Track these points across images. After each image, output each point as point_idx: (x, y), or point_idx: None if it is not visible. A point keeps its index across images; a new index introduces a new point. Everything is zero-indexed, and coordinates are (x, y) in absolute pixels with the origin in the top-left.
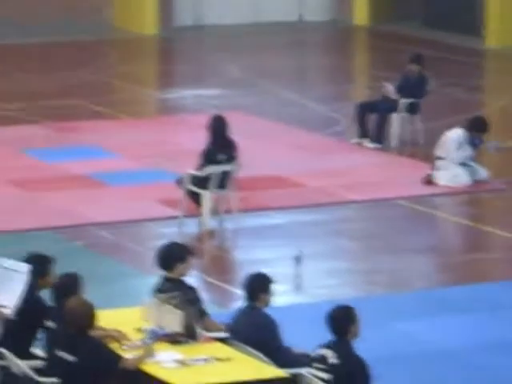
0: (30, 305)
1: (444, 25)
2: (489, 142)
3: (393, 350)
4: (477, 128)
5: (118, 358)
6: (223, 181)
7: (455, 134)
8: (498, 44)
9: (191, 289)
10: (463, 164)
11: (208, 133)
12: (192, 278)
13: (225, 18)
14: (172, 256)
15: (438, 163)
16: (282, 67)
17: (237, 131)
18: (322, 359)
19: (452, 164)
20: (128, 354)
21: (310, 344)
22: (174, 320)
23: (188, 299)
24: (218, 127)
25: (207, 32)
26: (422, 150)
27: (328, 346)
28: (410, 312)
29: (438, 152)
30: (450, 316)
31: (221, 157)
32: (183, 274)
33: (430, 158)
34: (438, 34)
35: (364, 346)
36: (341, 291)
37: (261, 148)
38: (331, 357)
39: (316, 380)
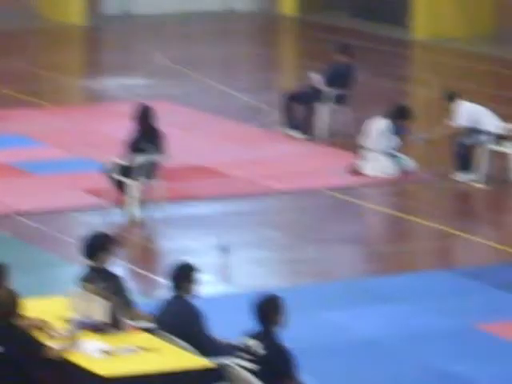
0: None
1: (371, 15)
2: (416, 133)
3: (318, 340)
4: (400, 116)
5: (43, 347)
6: (150, 170)
7: (379, 124)
8: (424, 35)
9: (116, 278)
10: (390, 154)
11: (134, 122)
12: (118, 268)
13: (152, 8)
14: (96, 245)
15: (365, 153)
16: (209, 57)
17: (163, 121)
18: (248, 349)
19: (379, 154)
20: (53, 344)
21: (236, 334)
22: (99, 309)
23: (113, 289)
24: (145, 117)
25: (134, 21)
26: (351, 140)
27: (253, 336)
28: (336, 302)
29: (365, 142)
30: (375, 306)
31: (147, 146)
32: (107, 264)
33: (357, 148)
34: (365, 25)
35: (290, 335)
36: (267, 281)
37: (187, 138)
38: (256, 346)
39: (241, 370)
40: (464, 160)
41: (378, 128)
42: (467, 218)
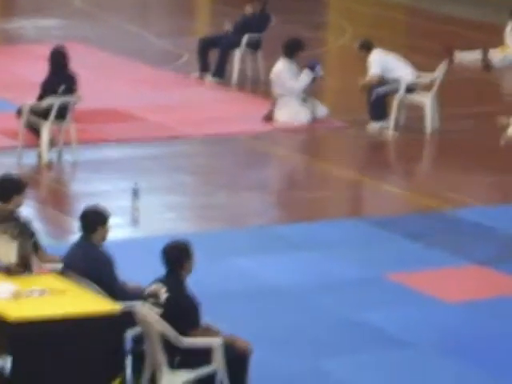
0: None
1: None
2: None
3: (227, 286)
4: (295, 49)
5: None
6: (63, 112)
7: (281, 66)
8: None
9: (26, 220)
10: (303, 100)
11: (48, 64)
12: (28, 210)
13: None
14: (7, 188)
15: (278, 99)
16: (125, 0)
17: (77, 63)
18: (155, 294)
19: (292, 101)
20: None
21: (145, 278)
22: (8, 251)
23: (22, 231)
24: (58, 58)
25: None
26: (263, 87)
27: (161, 281)
28: (246, 248)
29: (277, 89)
30: (285, 253)
31: (61, 88)
32: (17, 206)
33: (270, 94)
34: None
35: (198, 280)
36: (177, 226)
37: (101, 81)
38: (163, 292)
39: (150, 314)
40: (377, 108)
41: (281, 70)
42: (378, 167)
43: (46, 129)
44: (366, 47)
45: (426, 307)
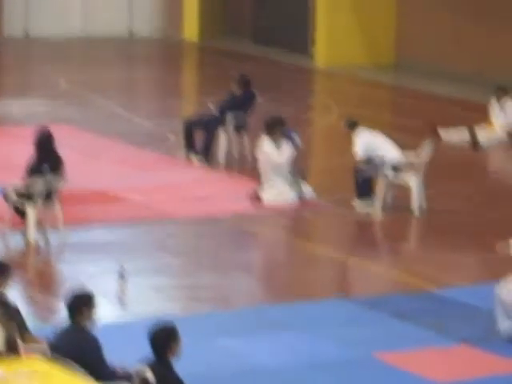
0: None
1: (274, 42)
2: (295, 135)
3: (214, 367)
4: (274, 126)
5: None
6: (49, 195)
7: (264, 144)
8: (325, 63)
9: (12, 303)
10: (289, 181)
11: (34, 146)
12: (15, 292)
13: (54, 30)
14: None
15: (264, 180)
16: (111, 81)
17: (63, 145)
18: (142, 378)
19: (278, 180)
20: None
21: (132, 361)
22: None
23: (9, 313)
24: (44, 141)
25: (36, 43)
26: (250, 166)
27: (149, 364)
28: (233, 329)
29: (263, 168)
30: (272, 333)
31: (46, 171)
32: (3, 289)
33: (257, 174)
34: (268, 51)
35: (185, 362)
36: (164, 307)
37: (87, 162)
38: (150, 376)
39: None
40: (363, 188)
41: (265, 150)
42: (365, 247)
43: (33, 211)
44: (352, 126)
45: None
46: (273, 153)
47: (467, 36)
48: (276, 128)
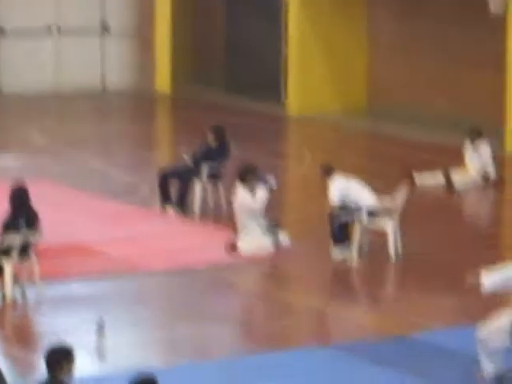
0: None
1: (246, 91)
2: (268, 179)
3: None
4: (247, 173)
5: None
6: (25, 250)
7: (239, 192)
8: (298, 111)
9: None
10: (265, 230)
11: (9, 202)
12: None
13: (27, 85)
14: None
15: (241, 230)
16: (85, 134)
17: (39, 199)
18: None
19: (255, 230)
20: None
21: None
22: None
23: None
24: (19, 196)
25: (7, 99)
26: (226, 217)
27: None
28: (213, 381)
29: (239, 217)
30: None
31: (22, 225)
32: None
33: (233, 224)
34: (240, 101)
35: None
36: (144, 360)
37: (62, 216)
38: None
39: None
40: (339, 235)
41: (241, 202)
42: (342, 293)
43: (9, 267)
44: (327, 171)
45: None
46: (247, 198)
47: (440, 80)
48: (249, 175)
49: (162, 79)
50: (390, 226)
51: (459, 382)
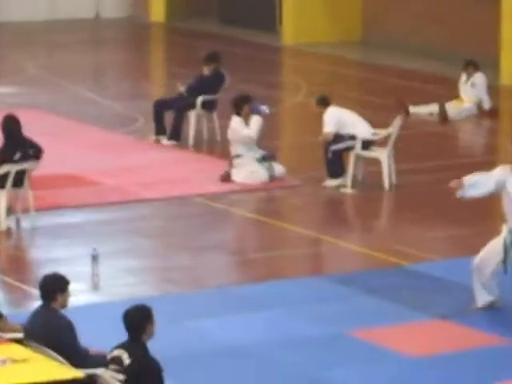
0: None
1: (240, 21)
2: (260, 106)
3: (189, 349)
4: (241, 103)
5: None
6: (20, 179)
7: (233, 123)
8: (293, 41)
9: None
10: (260, 160)
11: (1, 132)
12: None
13: (19, 15)
14: None
15: (236, 160)
16: (78, 65)
17: (32, 129)
18: (118, 360)
19: (248, 160)
20: None
21: (107, 344)
22: None
23: None
24: (11, 126)
25: (2, 28)
26: (220, 147)
27: (123, 346)
28: (208, 310)
29: (234, 148)
30: (247, 313)
31: (17, 156)
32: None
33: (227, 154)
34: (235, 31)
35: (159, 344)
36: (138, 289)
37: (57, 146)
38: (125, 358)
39: (112, 381)
40: (334, 165)
41: (235, 128)
42: (336, 224)
43: (3, 196)
44: (323, 103)
45: (388, 362)
46: (241, 128)
47: (436, 11)
48: (243, 105)
49: (157, 9)
50: (384, 156)
51: (455, 313)
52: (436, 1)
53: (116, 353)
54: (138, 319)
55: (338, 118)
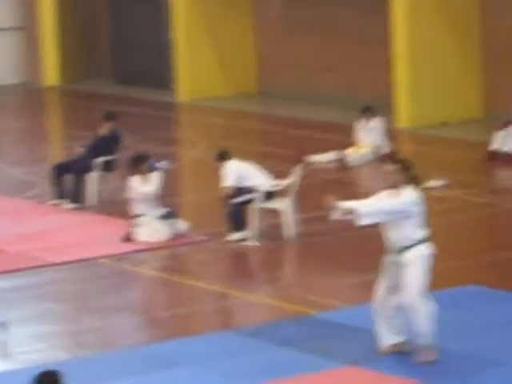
0: None
1: (135, 81)
2: (159, 163)
3: None
4: (139, 161)
5: None
6: None
7: (132, 182)
8: (189, 97)
9: None
10: (162, 218)
11: None
12: None
13: None
14: None
15: (138, 219)
16: None
17: None
18: None
19: (150, 219)
20: None
21: None
22: None
23: None
24: None
25: None
26: (121, 208)
27: None
28: (118, 371)
29: (134, 208)
30: (159, 372)
31: None
32: None
33: (128, 215)
34: (131, 91)
35: None
36: (49, 354)
37: None
38: None
39: None
40: (236, 219)
41: (133, 187)
42: (242, 277)
43: None
44: (222, 158)
45: None
46: (141, 186)
47: (328, 59)
48: (141, 164)
49: (51, 73)
50: (285, 206)
51: (365, 359)
52: (328, 49)
53: None
54: None
55: (238, 172)
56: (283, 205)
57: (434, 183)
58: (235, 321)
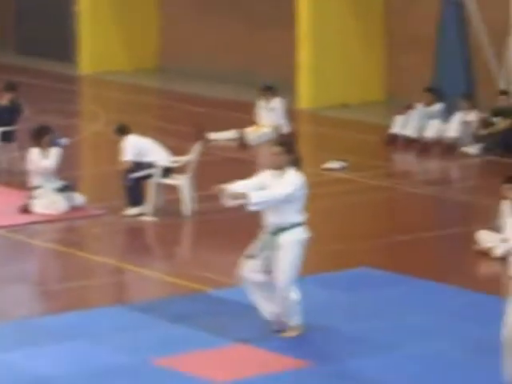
0: None
1: (37, 52)
2: (59, 138)
3: None
4: (41, 134)
5: None
6: None
7: (32, 154)
8: (90, 70)
9: None
10: (59, 190)
11: None
12: None
13: None
14: None
15: (36, 191)
16: None
17: None
18: None
19: (48, 191)
20: None
21: None
22: None
23: None
24: None
25: None
26: (19, 178)
27: None
28: (10, 342)
29: (32, 180)
30: (50, 344)
31: None
32: None
33: (26, 186)
34: (32, 62)
35: None
36: None
37: None
38: None
39: None
40: (134, 194)
41: (32, 159)
42: (138, 252)
43: None
44: (122, 132)
45: None
46: (40, 159)
47: (230, 38)
48: (42, 136)
49: None
50: (183, 183)
51: (255, 337)
52: (230, 28)
53: None
54: None
55: (137, 146)
56: (181, 181)
57: (332, 164)
58: (129, 296)
